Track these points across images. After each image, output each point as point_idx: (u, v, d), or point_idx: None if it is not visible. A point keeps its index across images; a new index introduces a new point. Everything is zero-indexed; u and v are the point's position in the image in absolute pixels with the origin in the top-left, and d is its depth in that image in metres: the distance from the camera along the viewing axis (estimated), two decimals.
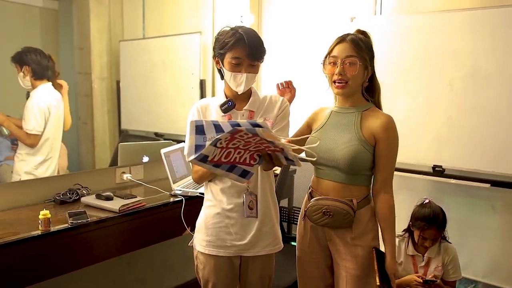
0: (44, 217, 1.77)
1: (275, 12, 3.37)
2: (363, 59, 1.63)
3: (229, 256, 1.70)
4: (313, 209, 1.68)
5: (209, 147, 1.26)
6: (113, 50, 2.69)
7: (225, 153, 1.32)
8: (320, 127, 1.76)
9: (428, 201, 2.24)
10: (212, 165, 1.34)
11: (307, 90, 2.49)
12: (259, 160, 1.42)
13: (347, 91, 1.66)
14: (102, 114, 2.66)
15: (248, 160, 1.40)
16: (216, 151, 1.29)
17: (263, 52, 1.64)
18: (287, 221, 3.07)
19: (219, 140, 1.25)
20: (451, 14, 2.53)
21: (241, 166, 1.41)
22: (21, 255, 1.71)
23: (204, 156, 1.28)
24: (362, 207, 1.68)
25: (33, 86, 2.23)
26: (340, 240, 1.70)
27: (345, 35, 1.67)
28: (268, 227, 1.72)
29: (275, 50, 3.28)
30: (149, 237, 2.24)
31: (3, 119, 2.15)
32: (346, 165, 1.63)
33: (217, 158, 1.32)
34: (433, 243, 2.20)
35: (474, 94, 2.47)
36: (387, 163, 1.66)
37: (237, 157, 1.37)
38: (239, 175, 1.43)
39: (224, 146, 1.29)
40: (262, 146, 1.34)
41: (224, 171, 1.39)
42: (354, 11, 2.95)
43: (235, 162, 1.38)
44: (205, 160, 1.30)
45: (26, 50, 2.19)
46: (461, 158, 2.53)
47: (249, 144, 1.32)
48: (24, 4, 2.26)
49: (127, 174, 2.54)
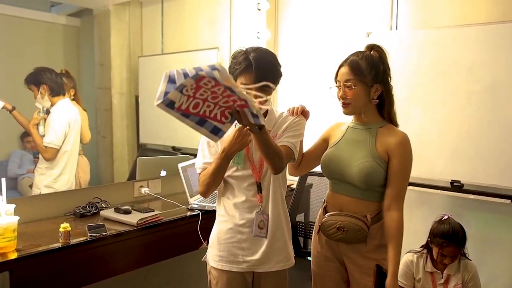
0: (65, 230, 1.80)
1: (291, 28, 3.40)
2: (362, 80, 1.64)
3: (242, 272, 1.70)
4: (327, 224, 1.70)
5: (174, 92, 1.29)
6: (132, 66, 2.74)
7: (193, 103, 1.35)
8: (336, 142, 1.77)
9: (447, 217, 2.21)
10: (181, 113, 1.36)
11: (323, 105, 2.50)
12: (230, 119, 1.44)
13: (349, 111, 1.71)
14: (121, 128, 2.71)
15: (219, 117, 1.42)
16: (183, 99, 1.32)
17: (274, 77, 1.63)
18: (304, 236, 3.05)
19: (184, 87, 1.28)
20: (466, 28, 2.52)
21: (212, 121, 1.42)
22: (41, 267, 1.74)
23: (171, 102, 1.31)
24: (376, 222, 1.68)
25: (52, 103, 2.28)
26: (356, 255, 1.70)
27: (346, 58, 1.70)
28: (281, 243, 1.72)
29: (292, 65, 3.30)
30: (166, 250, 2.25)
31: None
32: (360, 181, 1.64)
33: (184, 106, 1.34)
34: (453, 260, 2.16)
35: (492, 108, 2.44)
36: (398, 180, 1.65)
37: (206, 111, 1.39)
38: (211, 131, 1.44)
39: (191, 95, 1.32)
40: (230, 100, 1.36)
41: (194, 123, 1.41)
42: (370, 26, 2.96)
43: (205, 115, 1.40)
44: (172, 107, 1.32)
45: (39, 70, 2.23)
46: (480, 173, 2.49)
47: (217, 97, 1.34)
48: (48, 22, 2.34)
49: (145, 188, 2.57)
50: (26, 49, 2.24)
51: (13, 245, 1.70)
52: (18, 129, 2.22)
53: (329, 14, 3.19)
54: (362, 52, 1.70)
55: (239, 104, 1.37)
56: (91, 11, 2.52)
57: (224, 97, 1.35)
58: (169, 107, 1.32)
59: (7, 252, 1.67)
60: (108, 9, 2.58)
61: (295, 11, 3.38)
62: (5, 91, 2.15)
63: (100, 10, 2.55)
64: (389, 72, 1.71)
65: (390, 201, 1.65)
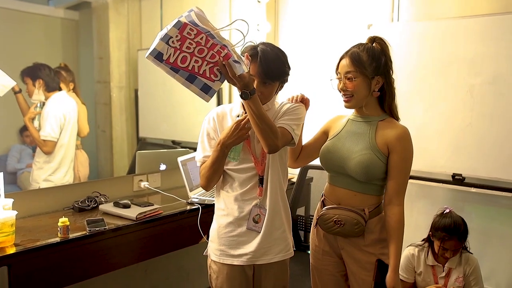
0: (63, 225, 1.79)
1: (291, 20, 3.37)
2: (363, 72, 1.62)
3: (242, 266, 1.69)
4: (325, 218, 1.70)
5: (161, 43, 1.34)
6: (131, 59, 2.72)
7: (181, 56, 1.39)
8: (336, 134, 1.76)
9: (448, 211, 2.19)
10: (170, 67, 1.40)
11: (324, 97, 2.48)
12: (220, 77, 1.46)
13: (352, 104, 1.68)
14: (121, 122, 2.70)
15: (209, 74, 1.44)
16: (170, 51, 1.37)
17: (279, 73, 1.62)
18: (304, 229, 3.05)
19: (170, 38, 1.34)
20: (468, 20, 2.50)
21: (202, 78, 1.44)
22: (40, 261, 1.74)
23: (159, 53, 1.36)
24: (374, 216, 1.68)
25: (46, 98, 2.27)
26: (353, 249, 1.70)
27: (347, 50, 1.68)
28: (279, 232, 1.71)
29: (292, 58, 3.26)
30: (165, 245, 2.25)
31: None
32: (359, 173, 1.63)
33: (172, 59, 1.38)
34: (454, 253, 2.15)
35: (494, 101, 2.42)
36: (399, 174, 1.64)
37: (195, 66, 1.42)
38: (201, 89, 1.46)
39: (177, 47, 1.36)
40: (215, 54, 1.39)
41: (184, 79, 1.43)
42: (371, 18, 2.93)
43: (194, 71, 1.42)
44: (161, 59, 1.37)
45: (37, 65, 2.22)
46: (481, 166, 2.47)
47: (203, 50, 1.38)
48: (46, 15, 2.32)
49: (145, 182, 2.57)
50: (24, 43, 2.22)
51: (11, 239, 1.70)
52: (17, 123, 2.22)
53: (329, 6, 3.17)
54: (363, 44, 1.68)
55: (223, 55, 1.40)
56: (90, 4, 2.50)
57: (209, 50, 1.38)
58: (158, 59, 1.38)
59: (5, 247, 1.67)
60: (107, 2, 2.56)
61: (295, 3, 3.35)
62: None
63: (98, 3, 2.53)
64: (390, 65, 1.69)
65: (391, 196, 1.64)
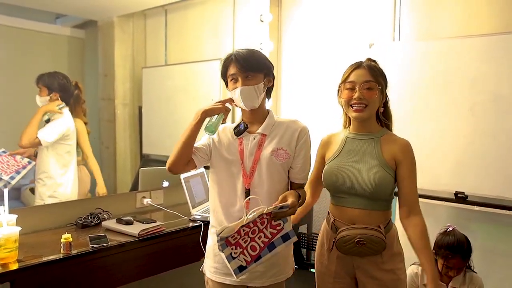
0: (66, 241, 1.79)
1: (294, 39, 3.42)
2: (380, 84, 1.65)
3: (235, 285, 1.66)
4: (346, 239, 1.64)
5: (232, 264, 1.47)
6: (136, 77, 2.76)
7: (250, 245, 1.49)
8: (336, 155, 1.73)
9: (452, 229, 2.18)
10: (254, 261, 1.49)
11: (325, 115, 2.50)
12: (283, 223, 1.53)
13: (365, 114, 1.65)
14: (124, 139, 2.71)
15: (273, 230, 1.52)
16: (241, 260, 1.48)
17: (258, 63, 1.62)
18: (306, 247, 3.03)
19: (230, 253, 1.47)
20: (469, 39, 2.53)
21: (275, 238, 1.52)
22: (43, 278, 1.73)
23: (239, 267, 1.47)
24: (388, 231, 1.67)
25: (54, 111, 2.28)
26: (370, 267, 1.67)
27: (359, 62, 1.69)
28: (274, 258, 1.61)
29: (294, 76, 3.31)
30: (168, 262, 2.24)
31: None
32: (371, 191, 1.62)
33: (249, 259, 1.49)
34: (458, 272, 2.13)
35: (496, 119, 2.43)
36: (411, 184, 1.66)
37: (264, 240, 1.51)
38: (284, 242, 1.54)
39: (241, 251, 1.48)
40: (260, 224, 1.49)
41: (269, 253, 1.52)
42: (373, 37, 2.97)
43: (267, 243, 1.51)
44: (244, 268, 1.48)
45: (59, 76, 2.26)
46: (484, 185, 2.47)
47: (254, 231, 1.49)
48: (52, 34, 2.36)
49: (147, 199, 2.57)
50: (31, 61, 2.26)
51: (14, 255, 1.70)
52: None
53: (331, 25, 3.21)
54: (369, 59, 1.72)
55: (265, 213, 1.49)
56: (96, 23, 2.55)
57: (254, 226, 1.49)
58: (241, 270, 1.49)
59: (8, 263, 1.67)
60: (112, 20, 2.61)
61: (298, 23, 3.40)
62: (9, 102, 2.17)
63: (104, 21, 2.58)
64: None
65: (410, 206, 1.65)
